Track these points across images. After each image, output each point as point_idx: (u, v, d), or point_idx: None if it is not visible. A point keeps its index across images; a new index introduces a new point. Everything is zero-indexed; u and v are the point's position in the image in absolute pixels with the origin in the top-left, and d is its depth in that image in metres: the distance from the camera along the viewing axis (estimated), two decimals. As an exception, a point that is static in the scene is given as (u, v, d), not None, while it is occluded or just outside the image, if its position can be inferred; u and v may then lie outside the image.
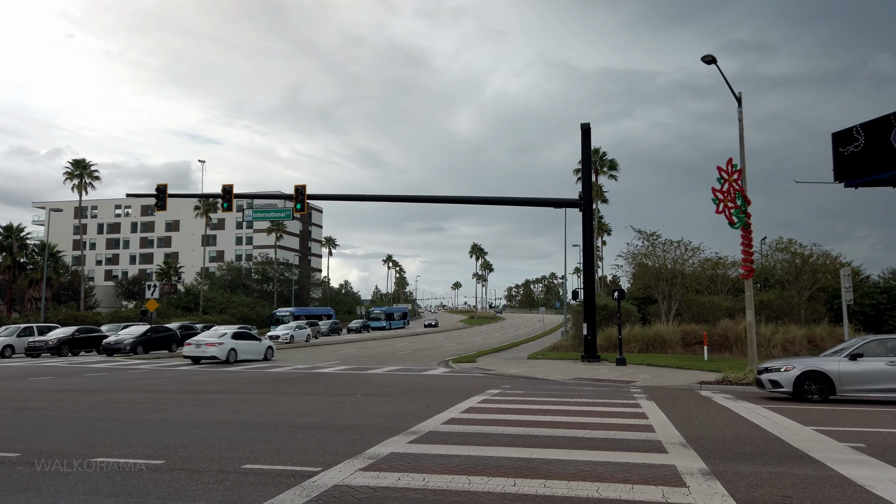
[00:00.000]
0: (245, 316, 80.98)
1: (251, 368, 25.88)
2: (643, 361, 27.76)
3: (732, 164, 23.08)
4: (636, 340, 33.08)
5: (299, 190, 32.46)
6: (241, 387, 18.10)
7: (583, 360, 29.24)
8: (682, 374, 22.66)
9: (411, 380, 21.10)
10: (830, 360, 15.16)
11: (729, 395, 16.46)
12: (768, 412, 12.83)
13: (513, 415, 12.12)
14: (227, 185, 33.14)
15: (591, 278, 29.95)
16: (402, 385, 18.94)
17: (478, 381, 20.61)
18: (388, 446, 8.77)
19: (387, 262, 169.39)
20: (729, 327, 31.31)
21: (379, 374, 23.35)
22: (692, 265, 36.09)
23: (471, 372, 25.43)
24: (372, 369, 26.03)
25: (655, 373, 23.40)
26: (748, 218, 23.13)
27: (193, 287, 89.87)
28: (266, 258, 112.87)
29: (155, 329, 37.14)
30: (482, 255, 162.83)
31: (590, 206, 30.25)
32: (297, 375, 22.41)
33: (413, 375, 23.17)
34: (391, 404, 13.77)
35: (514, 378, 22.37)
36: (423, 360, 33.27)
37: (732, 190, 22.89)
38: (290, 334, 50.86)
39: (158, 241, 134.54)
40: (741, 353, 30.42)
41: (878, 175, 23.14)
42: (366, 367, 27.55)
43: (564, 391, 17.31)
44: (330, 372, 24.42)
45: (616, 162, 59.65)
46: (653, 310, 37.59)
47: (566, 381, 21.38)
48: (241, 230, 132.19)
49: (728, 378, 19.42)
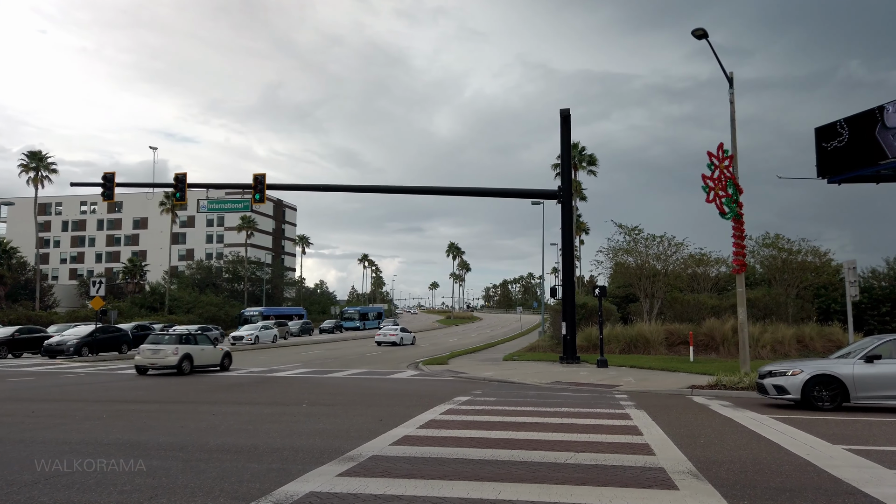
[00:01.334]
0: (213, 316, 78.14)
1: (202, 374, 23.53)
2: (626, 363, 25.93)
3: (723, 150, 21.31)
4: (617, 341, 31.28)
5: (258, 179, 30.11)
6: (174, 395, 15.81)
7: (561, 362, 27.33)
8: (669, 378, 20.81)
9: (373, 385, 18.97)
10: (843, 362, 13.34)
11: (727, 403, 14.58)
12: (781, 425, 10.92)
13: (480, 430, 10.06)
14: (179, 174, 30.68)
15: (570, 274, 28.05)
16: (360, 391, 16.80)
17: (446, 386, 18.56)
18: (310, 482, 6.64)
19: (362, 262, 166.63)
20: (715, 327, 29.61)
21: (338, 379, 21.17)
22: (675, 261, 34.36)
23: (441, 375, 23.38)
24: (333, 372, 23.85)
25: (640, 375, 21.53)
26: (740, 208, 21.37)
27: (159, 286, 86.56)
28: (237, 257, 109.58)
29: (103, 329, 34.46)
30: (459, 255, 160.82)
31: (569, 197, 28.35)
32: (246, 381, 20.15)
33: (376, 380, 21.04)
34: (338, 417, 11.63)
35: (486, 382, 20.35)
36: (392, 362, 31.15)
37: (723, 177, 21.11)
38: (254, 335, 48.29)
39: (126, 238, 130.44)
40: (728, 353, 28.76)
41: (862, 171, 21.89)
42: (328, 370, 25.36)
43: (542, 398, 15.32)
44: (285, 376, 22.18)
45: (595, 157, 58.07)
46: (634, 308, 35.85)
47: (544, 385, 19.42)
48: (212, 228, 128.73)
49: (721, 382, 17.57)
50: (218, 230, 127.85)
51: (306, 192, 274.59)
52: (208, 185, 30.83)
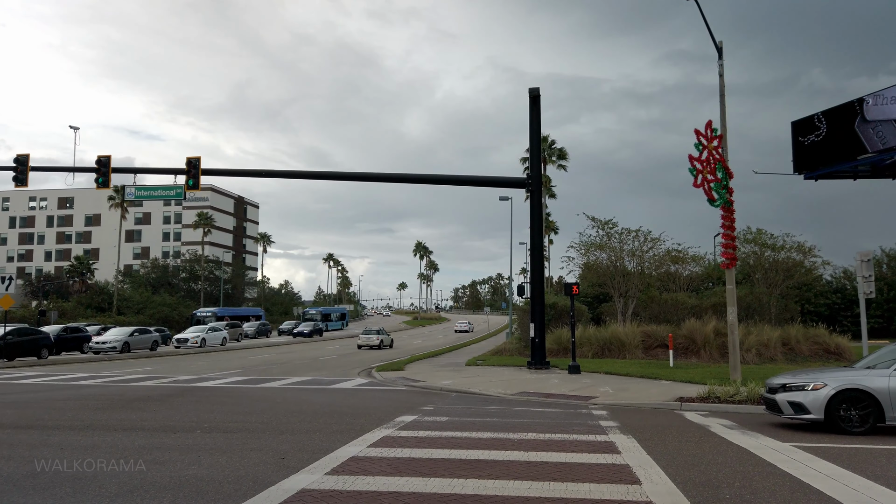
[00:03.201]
0: (166, 316, 74.02)
1: (116, 380, 20.23)
2: (600, 368, 23.34)
3: (712, 129, 18.82)
4: (590, 343, 28.72)
5: (192, 163, 26.85)
6: (39, 415, 12.60)
7: (529, 368, 24.64)
8: (651, 387, 18.19)
9: (307, 398, 15.96)
10: (875, 374, 10.78)
11: (729, 423, 11.96)
12: (819, 461, 8.26)
13: (415, 477, 7.19)
14: (102, 157, 27.26)
15: (539, 269, 25.37)
16: (285, 409, 13.79)
17: (394, 400, 15.66)
18: None
19: (328, 261, 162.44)
20: (696, 328, 27.18)
21: (271, 390, 18.11)
22: (652, 258, 31.86)
23: (394, 384, 20.51)
24: (269, 381, 20.79)
25: (618, 384, 18.89)
26: (730, 194, 18.91)
27: (108, 285, 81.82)
28: (195, 255, 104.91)
29: (19, 331, 30.76)
30: (427, 255, 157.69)
31: (539, 186, 25.67)
32: (157, 394, 16.95)
33: (315, 391, 18.03)
34: (226, 454, 8.63)
35: (443, 393, 17.51)
36: (344, 367, 28.15)
37: (712, 159, 18.62)
38: (200, 337, 44.66)
39: (77, 235, 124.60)
40: (710, 357, 26.41)
41: (840, 166, 20.14)
42: (265, 378, 22.28)
43: (505, 417, 12.51)
44: (209, 387, 19.04)
45: (566, 151, 55.79)
46: (607, 308, 33.34)
47: (509, 396, 16.65)
48: (169, 225, 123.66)
49: (714, 394, 14.98)
50: (175, 227, 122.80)
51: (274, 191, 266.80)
52: (136, 168, 27.40)
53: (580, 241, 32.10)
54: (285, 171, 25.96)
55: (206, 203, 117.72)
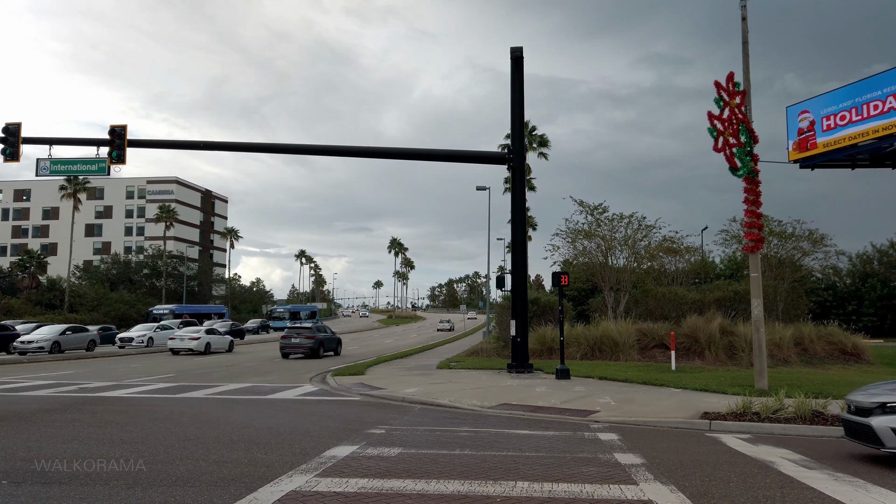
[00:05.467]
0: (124, 314, 69.80)
1: (7, 388, 16.35)
2: (592, 373, 19.95)
3: (734, 83, 15.49)
4: (578, 343, 25.34)
5: (116, 132, 22.92)
6: None
7: (510, 371, 21.21)
8: (660, 397, 14.81)
9: (224, 416, 12.28)
10: None
11: (795, 455, 8.57)
12: None
13: None
14: (11, 124, 23.14)
15: (522, 258, 21.93)
16: (181, 434, 10.10)
17: (339, 417, 12.08)
18: None
19: (300, 258, 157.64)
20: (699, 326, 23.88)
21: (188, 402, 14.40)
22: (646, 247, 28.49)
23: (348, 392, 16.96)
24: (197, 390, 17.09)
25: (619, 393, 15.46)
26: (755, 162, 15.60)
27: (59, 281, 76.79)
28: (157, 251, 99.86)
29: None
30: (402, 251, 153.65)
31: (522, 160, 22.23)
32: (41, 406, 13.14)
33: (244, 403, 14.37)
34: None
35: (404, 406, 13.96)
36: (298, 371, 24.46)
37: (735, 119, 15.28)
38: (147, 336, 40.42)
39: (34, 230, 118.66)
40: (716, 359, 23.18)
41: (837, 154, 17.93)
42: (196, 385, 18.59)
43: (482, 447, 8.99)
44: (118, 397, 15.30)
45: (547, 138, 52.35)
46: (595, 304, 29.98)
47: (487, 410, 13.15)
48: (132, 219, 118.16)
49: (751, 408, 11.62)
50: (139, 222, 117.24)
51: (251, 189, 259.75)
52: (51, 139, 23.37)
53: (566, 229, 28.64)
54: (222, 143, 22.37)
55: (170, 196, 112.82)
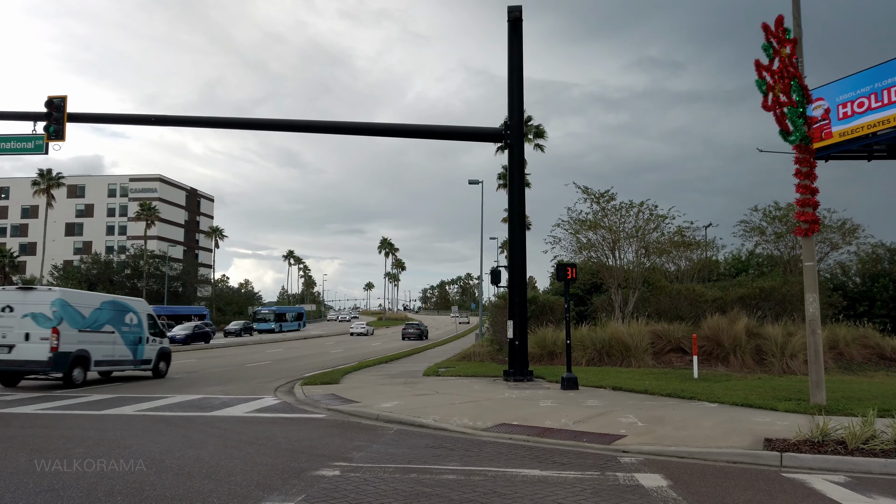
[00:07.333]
0: (99, 316, 66.02)
1: None
2: (603, 381, 17.06)
3: (784, 28, 12.62)
4: (583, 347, 22.45)
5: (54, 104, 19.88)
6: None
7: (507, 380, 18.30)
8: (698, 416, 11.87)
9: (136, 445, 9.30)
10: None
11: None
12: None
13: None
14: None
15: (521, 250, 19.03)
16: (45, 481, 7.12)
17: (287, 449, 9.10)
18: None
19: (288, 259, 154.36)
20: (721, 327, 20.98)
21: (112, 419, 11.43)
22: (657, 239, 25.55)
23: (314, 407, 14.05)
24: (134, 403, 14.18)
25: (643, 410, 12.52)
26: (809, 127, 12.72)
27: (34, 281, 73.46)
28: (140, 250, 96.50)
29: None
30: (393, 252, 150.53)
31: (520, 137, 19.33)
32: None
33: (179, 422, 11.40)
34: None
35: (377, 429, 10.99)
36: (267, 378, 21.54)
37: (786, 72, 12.40)
38: (113, 339, 37.28)
39: (13, 228, 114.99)
40: (742, 365, 20.33)
41: (853, 145, 16.71)
42: (137, 396, 15.71)
43: (473, 500, 6.06)
44: (27, 413, 12.27)
45: (543, 129, 49.88)
46: (599, 302, 27.07)
47: (480, 435, 10.21)
48: (114, 218, 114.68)
49: (828, 435, 8.74)
50: (121, 220, 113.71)
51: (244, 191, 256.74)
52: (-20, 113, 20.30)
53: (569, 218, 25.67)
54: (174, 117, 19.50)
55: (154, 195, 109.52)
